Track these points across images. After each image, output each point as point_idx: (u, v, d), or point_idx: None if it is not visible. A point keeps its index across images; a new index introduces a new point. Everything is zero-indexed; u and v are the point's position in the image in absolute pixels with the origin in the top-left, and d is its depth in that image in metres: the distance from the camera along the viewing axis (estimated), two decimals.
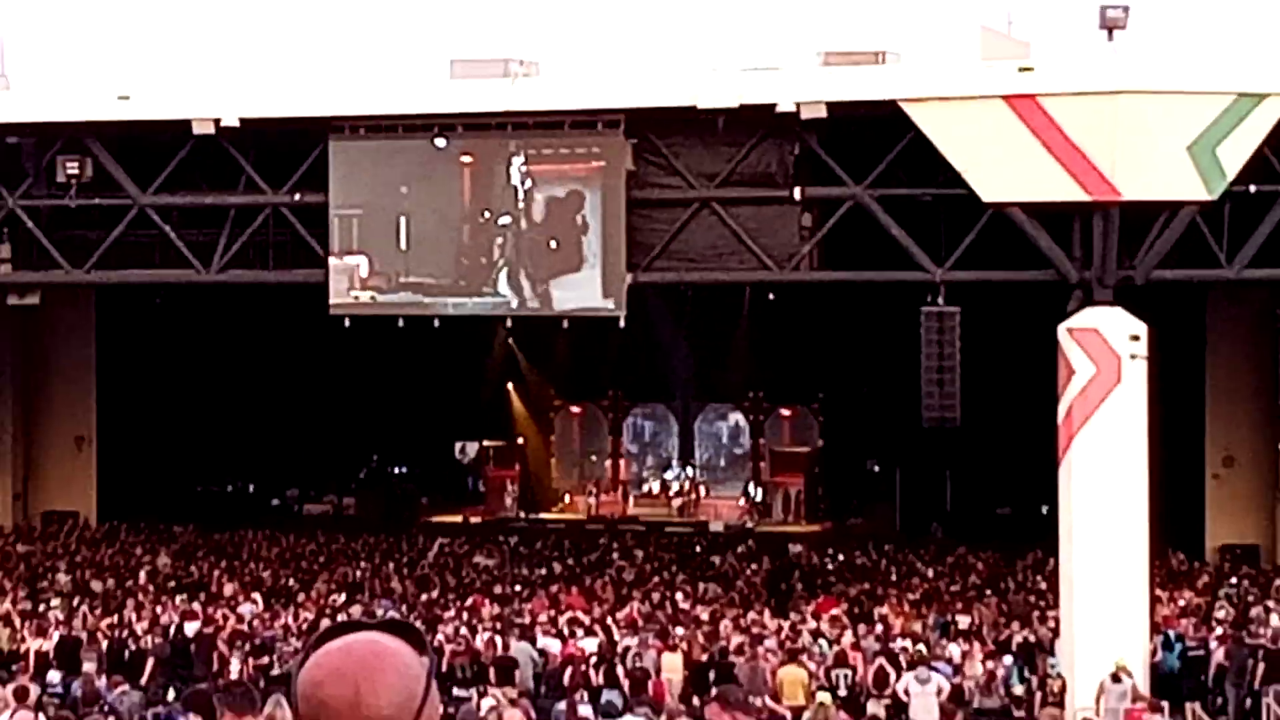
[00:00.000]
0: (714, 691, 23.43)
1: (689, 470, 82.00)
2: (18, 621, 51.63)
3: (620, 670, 45.42)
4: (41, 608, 53.90)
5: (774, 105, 46.06)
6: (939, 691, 41.76)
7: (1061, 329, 44.73)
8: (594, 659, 46.40)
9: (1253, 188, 44.83)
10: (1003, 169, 44.28)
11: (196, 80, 55.68)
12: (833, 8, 56.49)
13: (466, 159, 48.88)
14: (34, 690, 34.52)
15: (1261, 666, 46.46)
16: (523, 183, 48.21)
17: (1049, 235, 45.05)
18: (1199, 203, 44.45)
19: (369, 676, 4.29)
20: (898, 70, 48.95)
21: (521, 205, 48.31)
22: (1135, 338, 44.34)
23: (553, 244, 48.25)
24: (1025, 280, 46.32)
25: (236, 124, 48.57)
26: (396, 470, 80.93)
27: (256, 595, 55.91)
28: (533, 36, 54.36)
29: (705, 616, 52.72)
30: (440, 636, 48.00)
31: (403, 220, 49.01)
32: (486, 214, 48.70)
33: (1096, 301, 44.65)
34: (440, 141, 48.67)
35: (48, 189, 50.65)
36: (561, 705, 38.36)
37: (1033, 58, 51.99)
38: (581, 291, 48.88)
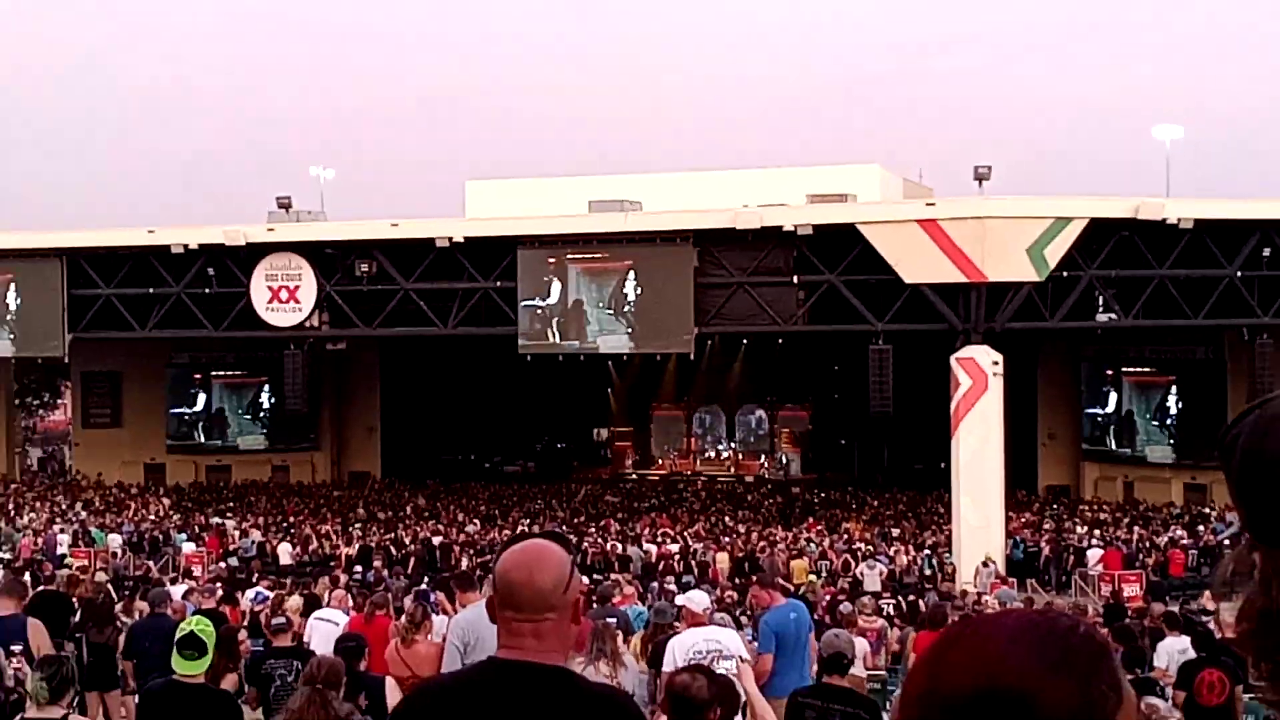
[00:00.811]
0: (755, 576, 23.50)
1: (732, 445, 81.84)
2: (334, 537, 51.96)
3: (692, 562, 45.65)
4: (349, 528, 54.14)
5: (781, 226, 46.28)
6: (881, 573, 41.89)
7: (952, 358, 44.87)
8: (676, 556, 46.60)
9: (1064, 273, 44.92)
10: (916, 263, 44.33)
11: (438, 212, 56.20)
12: (816, 170, 56.53)
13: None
14: (343, 578, 34.69)
15: (1071, 558, 46.69)
16: (635, 284, 48.56)
17: (944, 302, 45.14)
18: (1033, 283, 44.59)
19: (537, 565, 4.36)
20: (855, 205, 49.25)
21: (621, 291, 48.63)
22: (996, 363, 44.48)
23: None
24: (930, 329, 46.23)
25: (462, 240, 48.87)
26: (559, 445, 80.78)
27: (476, 520, 56.10)
28: (638, 185, 54.53)
29: (742, 530, 52.83)
30: (585, 543, 48.22)
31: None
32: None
33: (972, 341, 44.76)
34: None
35: (350, 279, 50.89)
36: (655, 584, 38.43)
37: (935, 197, 52.22)
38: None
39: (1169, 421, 59.05)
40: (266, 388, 67.93)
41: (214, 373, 68.59)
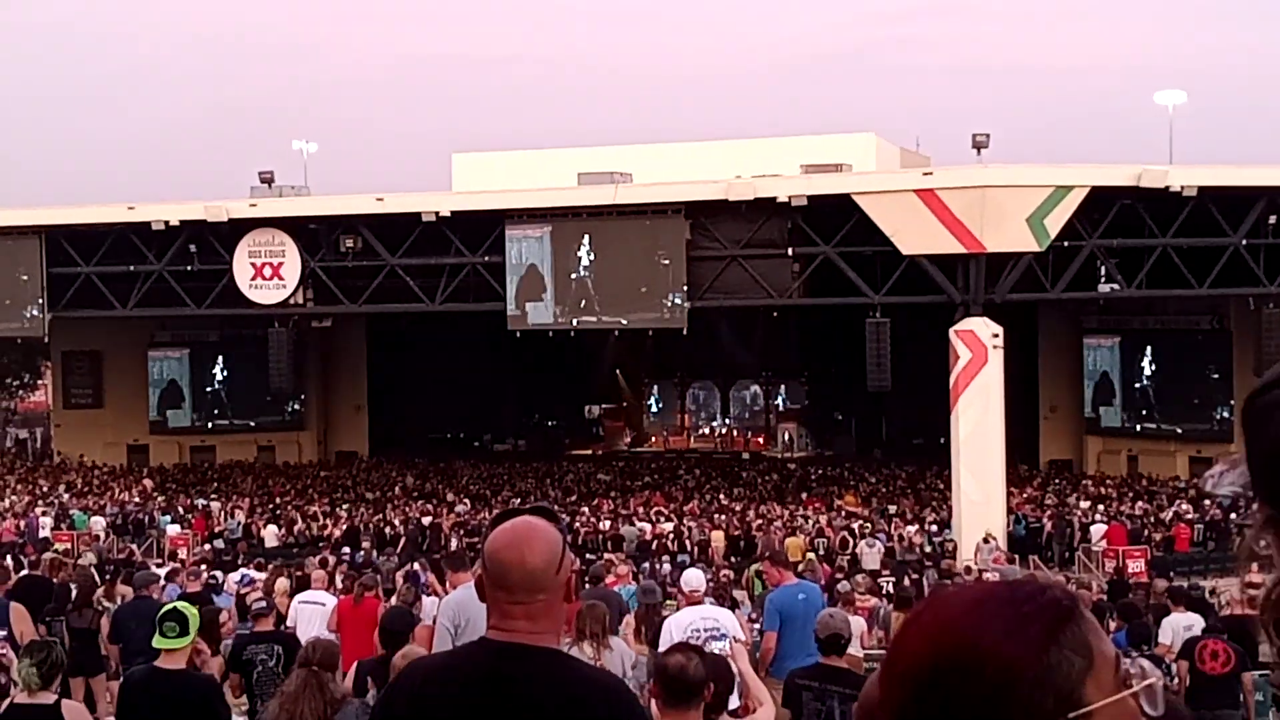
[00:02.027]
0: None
1: (727, 420, 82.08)
2: (322, 518, 51.93)
3: (687, 541, 45.65)
4: (336, 509, 54.15)
5: (775, 198, 46.17)
6: (880, 550, 41.92)
7: (951, 331, 44.87)
8: (670, 535, 46.58)
9: (1065, 243, 44.92)
10: (914, 234, 44.28)
11: (424, 186, 56.02)
12: (810, 140, 56.54)
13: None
14: (331, 560, 34.73)
15: (1078, 534, 46.75)
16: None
17: (943, 274, 45.14)
18: (1033, 253, 44.59)
19: (528, 544, 4.31)
20: (850, 175, 49.09)
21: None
22: (995, 335, 44.47)
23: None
24: (928, 301, 46.22)
25: (449, 214, 48.76)
26: (550, 423, 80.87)
27: (466, 500, 56.08)
28: (628, 156, 54.54)
29: (738, 508, 52.86)
30: (578, 522, 48.26)
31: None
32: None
33: (971, 313, 44.75)
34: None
35: (335, 255, 50.84)
36: (648, 564, 38.49)
37: (932, 166, 52.19)
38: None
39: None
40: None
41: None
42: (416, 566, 32.75)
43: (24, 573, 25.54)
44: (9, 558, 31.56)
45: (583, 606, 13.02)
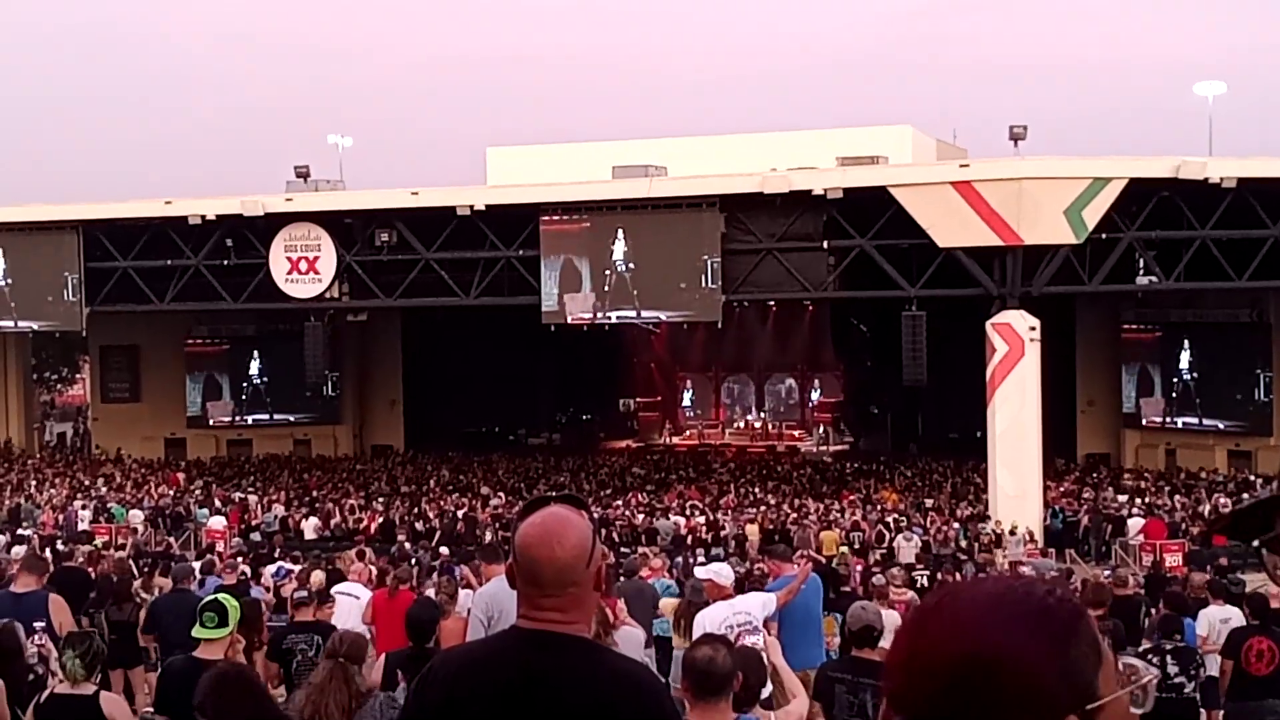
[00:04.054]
0: (766, 549, 23.65)
1: (762, 414, 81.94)
2: (358, 511, 52.07)
3: (722, 534, 45.67)
4: (371, 502, 54.27)
5: (810, 190, 46.19)
6: (917, 545, 41.88)
7: (988, 324, 44.89)
8: (705, 528, 46.62)
9: (1103, 235, 44.83)
10: (950, 227, 44.26)
11: (459, 180, 56.17)
12: (846, 132, 56.51)
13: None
14: (369, 552, 34.77)
15: (1110, 526, 46.56)
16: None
17: (979, 266, 45.09)
18: (1070, 245, 44.51)
19: (559, 541, 4.29)
20: (886, 168, 49.08)
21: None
22: (1033, 328, 44.49)
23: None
24: (965, 295, 46.16)
25: (484, 208, 48.89)
26: (585, 416, 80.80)
27: (501, 493, 56.14)
28: (662, 149, 54.59)
29: (773, 501, 52.84)
30: (612, 514, 48.32)
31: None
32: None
33: (1008, 306, 44.73)
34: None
35: (370, 249, 51.02)
36: (680, 558, 38.49)
37: (969, 159, 52.05)
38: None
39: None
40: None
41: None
42: (450, 559, 32.85)
43: (61, 564, 25.67)
44: (48, 550, 31.74)
45: None
